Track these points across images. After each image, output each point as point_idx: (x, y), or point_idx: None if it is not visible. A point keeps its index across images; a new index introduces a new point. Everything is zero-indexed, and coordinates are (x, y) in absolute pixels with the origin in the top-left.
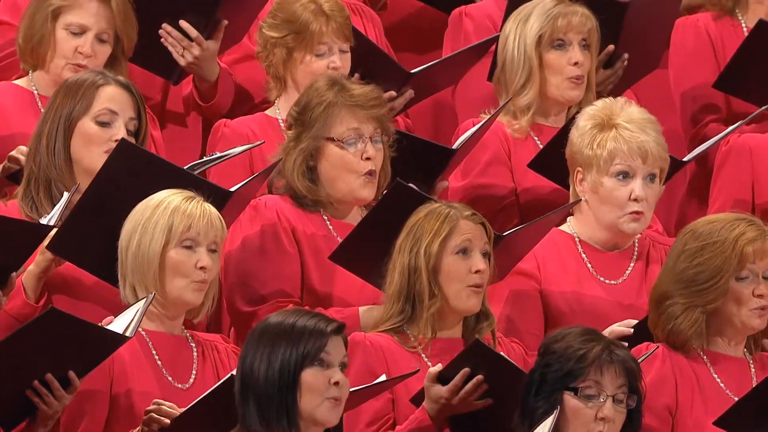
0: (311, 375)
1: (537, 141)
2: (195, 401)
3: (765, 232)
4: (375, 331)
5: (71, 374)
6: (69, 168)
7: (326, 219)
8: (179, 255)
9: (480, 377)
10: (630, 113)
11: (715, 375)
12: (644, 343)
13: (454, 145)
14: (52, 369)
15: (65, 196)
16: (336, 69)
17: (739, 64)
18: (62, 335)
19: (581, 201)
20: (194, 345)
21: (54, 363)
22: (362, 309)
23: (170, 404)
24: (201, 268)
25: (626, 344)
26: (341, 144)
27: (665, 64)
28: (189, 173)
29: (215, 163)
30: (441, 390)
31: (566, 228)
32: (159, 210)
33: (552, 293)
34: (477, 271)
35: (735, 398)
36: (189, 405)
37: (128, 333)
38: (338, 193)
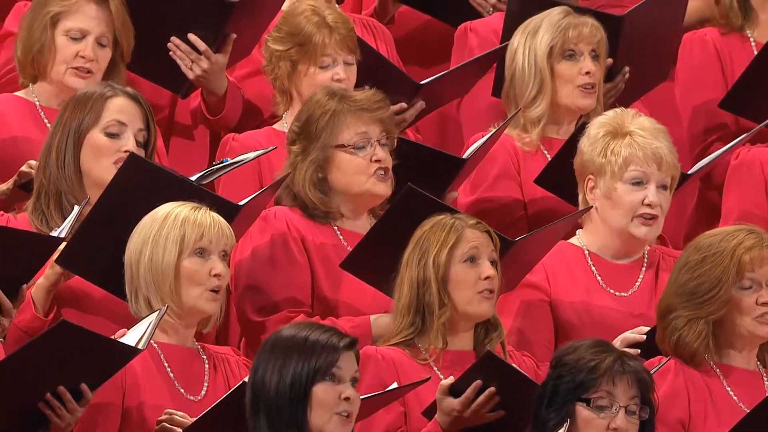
0: (322, 390)
1: (546, 154)
2: (206, 410)
3: (763, 240)
4: (386, 345)
5: (83, 387)
6: (79, 180)
7: (336, 229)
8: (193, 264)
9: (492, 389)
10: (641, 122)
11: (728, 388)
12: (657, 357)
13: (464, 155)
14: (65, 381)
15: (76, 209)
16: (340, 80)
17: (746, 84)
18: (74, 348)
19: (591, 209)
20: (206, 357)
21: (66, 375)
22: (373, 317)
23: (182, 414)
24: (215, 276)
25: (638, 351)
26: (351, 149)
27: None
28: (198, 187)
29: (228, 171)
30: (453, 402)
31: (575, 240)
32: (168, 222)
33: (562, 305)
34: (487, 278)
35: (748, 411)
36: (200, 414)
37: (140, 345)
38: (354, 197)
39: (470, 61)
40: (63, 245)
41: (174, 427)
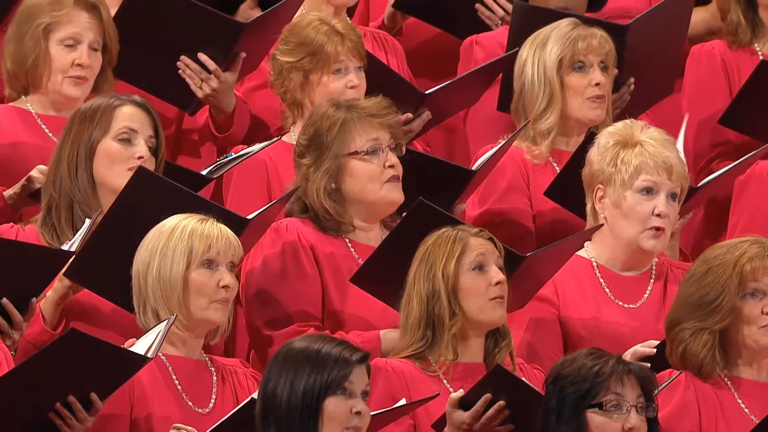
0: (333, 404)
1: (556, 167)
2: (215, 425)
3: (766, 250)
4: (396, 357)
5: (93, 396)
6: (93, 190)
7: (347, 241)
8: (201, 276)
9: (502, 402)
10: (651, 133)
11: (739, 400)
12: (667, 370)
13: (474, 167)
14: (75, 391)
15: (87, 222)
16: (354, 87)
17: (746, 101)
18: (83, 357)
19: (601, 218)
20: (213, 369)
21: (76, 385)
22: (383, 332)
23: (190, 429)
24: (224, 287)
25: (649, 365)
26: (363, 156)
27: (679, 90)
28: (206, 200)
29: (235, 164)
30: (463, 415)
31: (583, 253)
32: (176, 234)
33: (571, 318)
34: (497, 283)
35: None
36: (209, 429)
37: (150, 354)
38: (368, 206)
39: (475, 70)
40: (71, 258)
41: None
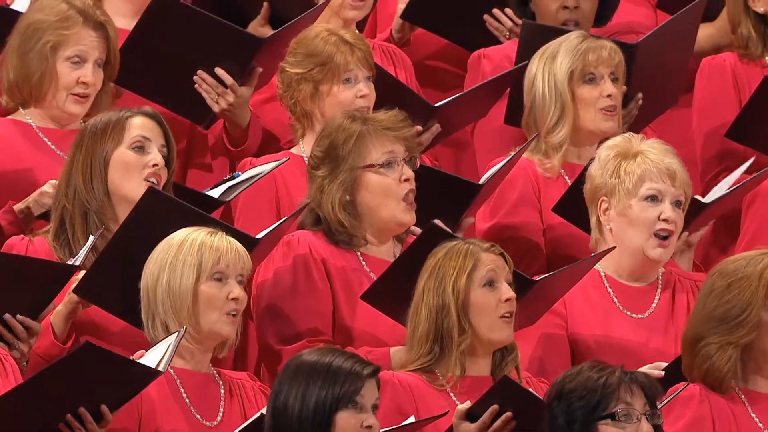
0: (344, 418)
1: (567, 180)
2: None
3: None
4: (403, 370)
5: (104, 408)
6: (108, 200)
7: (359, 255)
8: (211, 288)
9: (509, 414)
10: (650, 142)
11: (754, 414)
12: (680, 383)
13: (480, 181)
14: (85, 403)
15: (90, 239)
16: (365, 96)
17: (751, 114)
18: (97, 369)
19: (607, 229)
20: (221, 382)
21: (87, 397)
22: (393, 349)
23: None
24: (233, 299)
25: None
26: (379, 169)
27: (684, 103)
28: (216, 220)
29: (249, 185)
30: (470, 427)
31: None
32: (185, 247)
33: (579, 329)
34: (507, 300)
35: None
36: None
37: (161, 367)
38: (380, 221)
39: (485, 83)
40: (81, 275)
41: None
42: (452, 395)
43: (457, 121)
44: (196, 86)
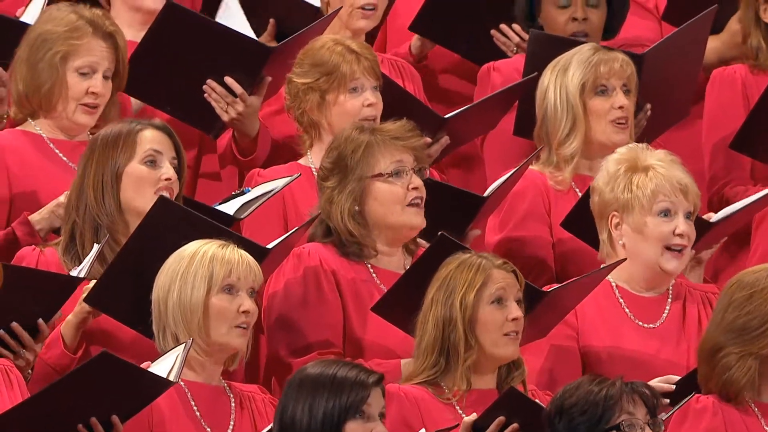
0: (353, 428)
1: (578, 191)
2: None
3: None
4: (409, 383)
5: (115, 419)
6: (120, 215)
7: (369, 266)
8: (221, 301)
9: (515, 425)
10: (656, 154)
11: (767, 428)
12: (695, 396)
13: (485, 193)
14: (97, 413)
15: (95, 248)
16: (371, 105)
17: (757, 125)
18: (111, 379)
19: (619, 244)
20: (232, 395)
21: (99, 407)
22: (404, 362)
23: None
24: (244, 312)
25: (668, 401)
26: (388, 178)
27: (695, 115)
28: (227, 230)
29: (262, 202)
30: None
31: None
32: (196, 260)
33: (590, 339)
34: (514, 319)
35: None
36: None
37: (172, 378)
38: (390, 229)
39: (494, 95)
40: (92, 284)
41: None
42: (458, 408)
43: (467, 134)
44: (206, 95)
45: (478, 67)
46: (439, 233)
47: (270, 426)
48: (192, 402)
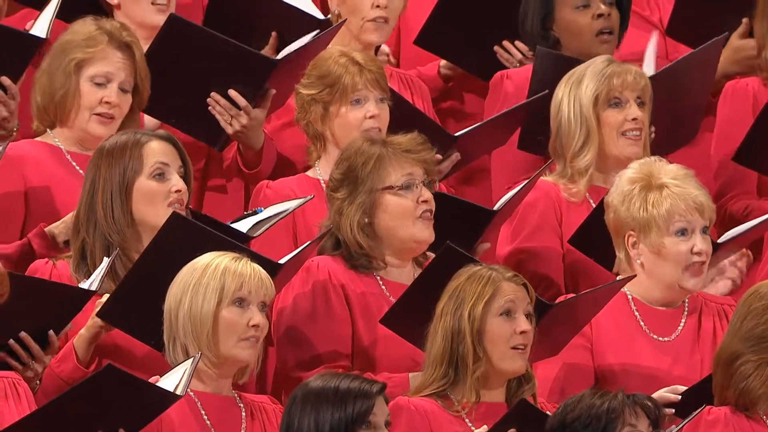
0: None
1: (592, 203)
2: None
3: None
4: (418, 395)
5: None
6: (132, 230)
7: (379, 279)
8: (232, 314)
9: None
10: (670, 170)
11: None
12: (706, 407)
13: (495, 207)
14: (104, 426)
15: (105, 261)
16: (374, 117)
17: (758, 138)
18: (118, 392)
19: (637, 264)
20: (243, 405)
21: (106, 420)
22: (412, 375)
23: None
24: (254, 326)
25: (673, 411)
26: (398, 191)
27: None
28: (240, 245)
29: (274, 222)
30: None
31: None
32: (208, 272)
33: (603, 351)
34: (522, 332)
35: None
36: None
37: (179, 391)
38: (399, 242)
39: (504, 113)
40: (105, 299)
41: None
42: (467, 421)
43: (476, 150)
44: (210, 108)
45: (482, 80)
46: (445, 243)
47: None
48: (202, 412)
